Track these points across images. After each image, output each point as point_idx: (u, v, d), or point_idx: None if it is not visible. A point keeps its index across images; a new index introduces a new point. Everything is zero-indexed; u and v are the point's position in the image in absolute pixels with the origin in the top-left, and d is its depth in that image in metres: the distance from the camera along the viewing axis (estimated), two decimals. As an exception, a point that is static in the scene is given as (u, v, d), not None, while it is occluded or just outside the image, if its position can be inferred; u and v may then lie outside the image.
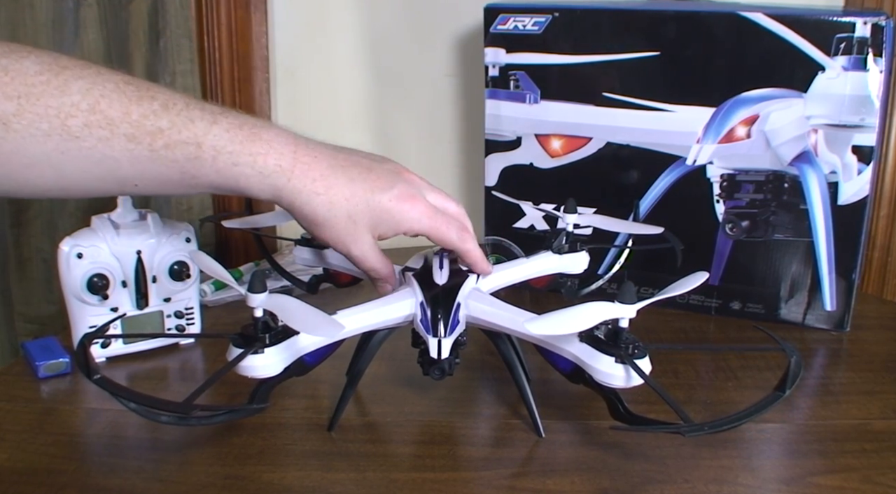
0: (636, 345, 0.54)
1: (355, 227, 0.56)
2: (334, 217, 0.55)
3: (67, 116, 0.45)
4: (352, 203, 0.55)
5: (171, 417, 0.52)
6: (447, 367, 0.58)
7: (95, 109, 0.46)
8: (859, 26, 0.72)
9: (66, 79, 0.46)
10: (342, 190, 0.55)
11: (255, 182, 0.52)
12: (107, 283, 0.71)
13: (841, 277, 0.80)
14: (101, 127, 0.46)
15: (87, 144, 0.46)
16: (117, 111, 0.47)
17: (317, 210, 0.54)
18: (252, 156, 0.51)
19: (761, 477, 0.58)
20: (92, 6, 0.99)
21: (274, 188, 0.53)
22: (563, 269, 0.71)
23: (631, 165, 0.85)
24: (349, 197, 0.55)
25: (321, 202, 0.54)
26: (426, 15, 1.07)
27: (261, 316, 0.54)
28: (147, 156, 0.48)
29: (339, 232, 0.56)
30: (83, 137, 0.46)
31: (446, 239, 0.59)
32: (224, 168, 0.51)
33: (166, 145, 0.48)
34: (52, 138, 0.45)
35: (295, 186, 0.53)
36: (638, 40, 0.81)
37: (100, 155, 0.47)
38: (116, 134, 0.47)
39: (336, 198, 0.54)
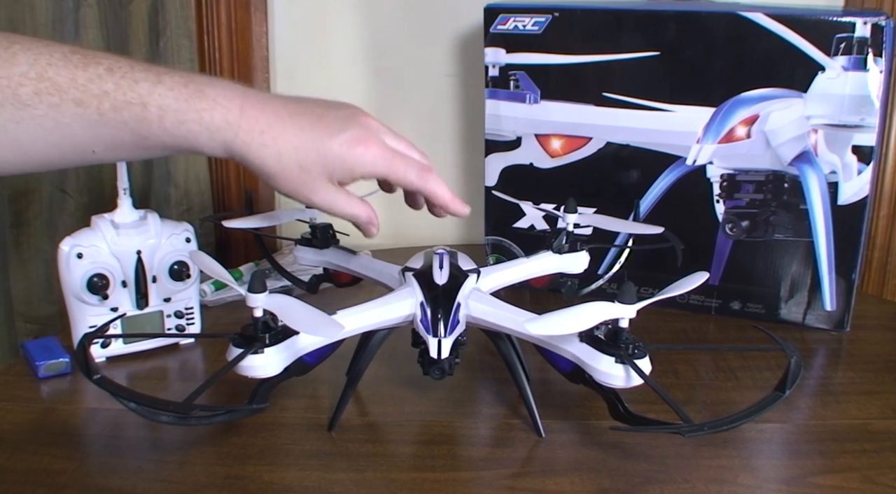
0: (636, 345, 0.54)
1: (308, 176, 0.54)
2: (285, 168, 0.54)
3: (17, 86, 0.47)
4: (301, 152, 0.54)
5: (171, 417, 0.52)
6: (447, 367, 0.58)
7: (43, 77, 0.47)
8: (859, 26, 0.72)
9: (14, 52, 0.47)
10: (290, 139, 0.53)
11: (205, 140, 0.52)
12: (107, 283, 0.71)
13: (841, 277, 0.80)
14: (50, 93, 0.47)
15: (39, 112, 0.47)
16: (64, 78, 0.48)
17: (266, 162, 0.53)
18: (198, 112, 0.51)
19: (761, 477, 0.58)
20: (92, 6, 0.99)
21: (223, 143, 0.52)
22: (563, 269, 0.71)
23: (631, 165, 0.85)
24: (297, 146, 0.54)
25: (269, 154, 0.53)
26: (426, 15, 1.07)
27: (261, 316, 0.54)
28: (97, 119, 0.49)
29: (294, 182, 0.54)
30: (34, 105, 0.47)
31: (405, 179, 0.57)
32: (171, 127, 0.50)
33: (113, 107, 0.49)
34: (5, 108, 0.47)
35: (243, 140, 0.52)
36: (638, 40, 0.81)
37: (52, 122, 0.48)
38: (65, 100, 0.48)
39: (284, 149, 0.53)
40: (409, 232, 1.12)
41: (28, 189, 1.03)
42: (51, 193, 1.04)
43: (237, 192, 1.10)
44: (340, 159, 0.54)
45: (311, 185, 0.55)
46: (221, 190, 1.10)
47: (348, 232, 0.76)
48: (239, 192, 1.10)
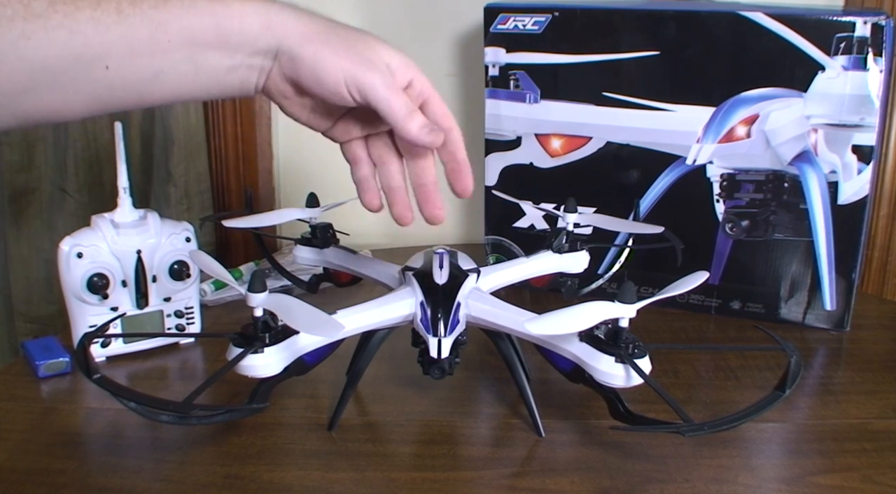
0: (636, 345, 0.54)
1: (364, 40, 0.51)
2: (335, 29, 0.51)
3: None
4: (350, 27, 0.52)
5: (171, 416, 0.52)
6: (447, 367, 0.58)
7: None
8: (859, 26, 0.72)
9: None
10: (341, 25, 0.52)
11: (237, 8, 0.48)
12: (107, 283, 0.71)
13: (841, 277, 0.80)
14: (65, 2, 0.45)
15: (53, 22, 0.45)
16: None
17: (317, 21, 0.50)
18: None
19: (761, 477, 0.58)
20: None
21: (264, 13, 0.49)
22: (563, 269, 0.71)
23: (631, 165, 0.85)
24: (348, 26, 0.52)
25: (319, 18, 0.51)
26: (426, 15, 1.07)
27: (261, 315, 0.54)
28: (113, 19, 0.46)
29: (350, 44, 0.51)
30: (47, 15, 0.45)
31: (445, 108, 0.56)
32: (194, 2, 0.47)
33: (132, 2, 0.47)
34: (16, 23, 0.44)
35: (283, 6, 0.50)
36: (638, 40, 0.81)
37: (66, 32, 0.45)
38: (81, 7, 0.46)
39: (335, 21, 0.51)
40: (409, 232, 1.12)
41: (28, 188, 1.03)
42: (51, 193, 1.04)
43: (237, 192, 1.10)
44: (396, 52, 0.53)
45: (372, 44, 0.51)
46: (221, 190, 1.10)
47: (348, 231, 0.76)
48: (239, 192, 1.10)
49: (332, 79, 0.50)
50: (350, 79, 0.50)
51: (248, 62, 0.50)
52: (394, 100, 0.51)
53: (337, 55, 0.50)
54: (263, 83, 0.52)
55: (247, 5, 0.49)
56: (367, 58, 0.51)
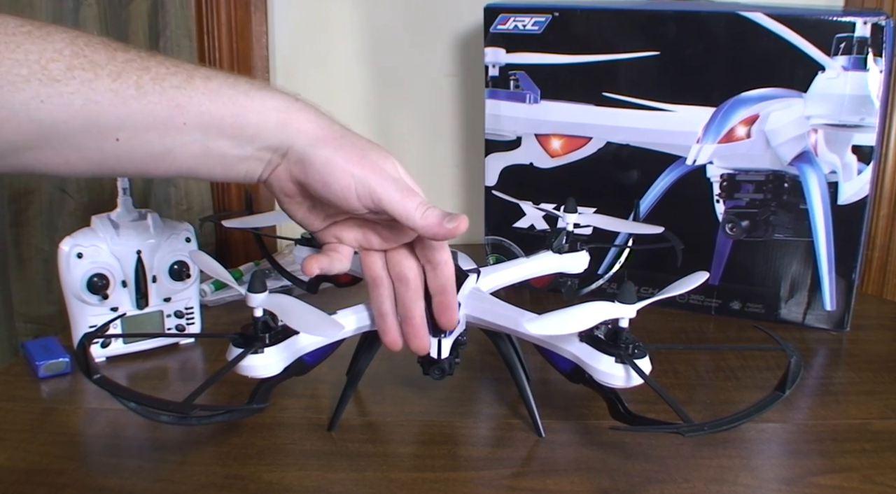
0: (636, 345, 0.54)
1: (374, 150, 0.52)
2: (352, 135, 0.52)
3: (49, 61, 0.43)
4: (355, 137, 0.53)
5: (171, 417, 0.52)
6: (447, 367, 0.58)
7: (79, 54, 0.44)
8: (859, 26, 0.72)
9: (48, 31, 0.44)
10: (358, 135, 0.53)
11: (256, 97, 0.49)
12: (107, 283, 0.71)
13: (841, 277, 0.80)
14: (84, 69, 0.44)
15: (70, 89, 0.44)
16: (102, 56, 0.45)
17: (333, 127, 0.51)
18: (248, 80, 0.49)
19: (761, 477, 0.58)
20: (92, 6, 0.99)
21: (279, 102, 0.49)
22: (563, 269, 0.71)
23: (631, 165, 0.85)
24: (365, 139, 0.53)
25: (334, 123, 0.52)
26: (426, 15, 1.07)
27: (261, 315, 0.54)
28: (132, 93, 0.45)
29: (365, 148, 0.51)
30: (65, 81, 0.44)
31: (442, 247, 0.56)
32: (216, 87, 0.47)
33: (153, 79, 0.46)
34: (32, 84, 0.43)
35: (301, 106, 0.50)
36: (638, 40, 0.81)
37: (82, 99, 0.44)
38: (100, 75, 0.45)
39: (348, 128, 0.52)
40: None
41: (28, 189, 1.03)
42: (51, 193, 1.04)
43: (237, 192, 1.10)
44: (392, 162, 0.53)
45: (378, 153, 0.52)
46: (221, 190, 1.10)
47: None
48: (239, 192, 1.10)
49: (342, 184, 0.50)
50: (361, 185, 0.50)
51: (257, 154, 0.51)
52: (407, 201, 0.51)
53: (349, 162, 0.50)
54: (268, 176, 0.52)
55: (268, 100, 0.49)
56: (380, 166, 0.51)
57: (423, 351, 0.57)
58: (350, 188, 0.50)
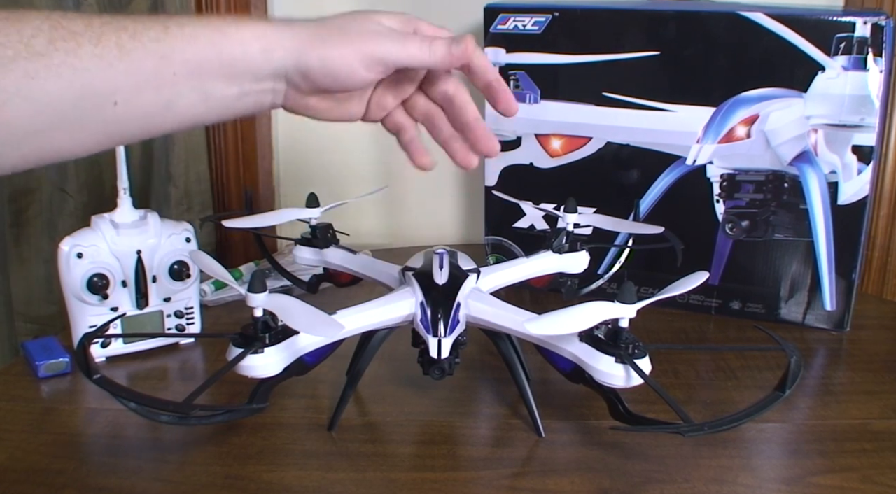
0: (636, 345, 0.54)
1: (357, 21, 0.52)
2: (329, 22, 0.51)
3: (30, 38, 0.44)
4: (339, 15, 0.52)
5: (171, 417, 0.52)
6: (447, 367, 0.58)
7: (58, 27, 0.45)
8: (859, 26, 0.72)
9: (24, 12, 0.45)
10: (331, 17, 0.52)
11: (233, 32, 0.48)
12: (107, 283, 0.71)
13: (841, 277, 0.80)
14: (65, 40, 0.45)
15: (55, 61, 0.45)
16: (80, 24, 0.46)
17: (308, 27, 0.50)
18: (223, 19, 0.49)
19: (761, 477, 0.58)
20: (92, 6, 0.99)
21: (254, 32, 0.49)
22: (563, 269, 0.71)
23: (631, 165, 0.85)
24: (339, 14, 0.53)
25: (311, 23, 0.51)
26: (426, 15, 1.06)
27: (261, 315, 0.54)
28: (115, 55, 0.46)
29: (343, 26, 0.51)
30: (48, 54, 0.45)
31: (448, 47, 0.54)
32: (194, 31, 0.48)
33: (132, 36, 0.47)
34: (18, 62, 0.44)
35: (278, 24, 0.50)
36: (638, 40, 0.81)
37: (69, 69, 0.45)
38: (82, 43, 0.45)
39: (321, 19, 0.51)
40: (409, 232, 1.12)
41: (28, 188, 1.03)
42: (51, 193, 1.04)
43: (237, 192, 1.10)
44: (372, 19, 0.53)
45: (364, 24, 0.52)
46: (221, 190, 1.10)
47: (348, 231, 0.76)
48: (239, 192, 1.10)
49: (347, 69, 0.51)
50: (362, 59, 0.51)
51: (256, 88, 0.51)
52: (409, 46, 0.52)
53: (339, 47, 0.50)
54: (281, 103, 0.53)
55: (244, 30, 0.49)
56: (368, 30, 0.51)
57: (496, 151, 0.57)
58: (355, 68, 0.51)
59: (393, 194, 1.10)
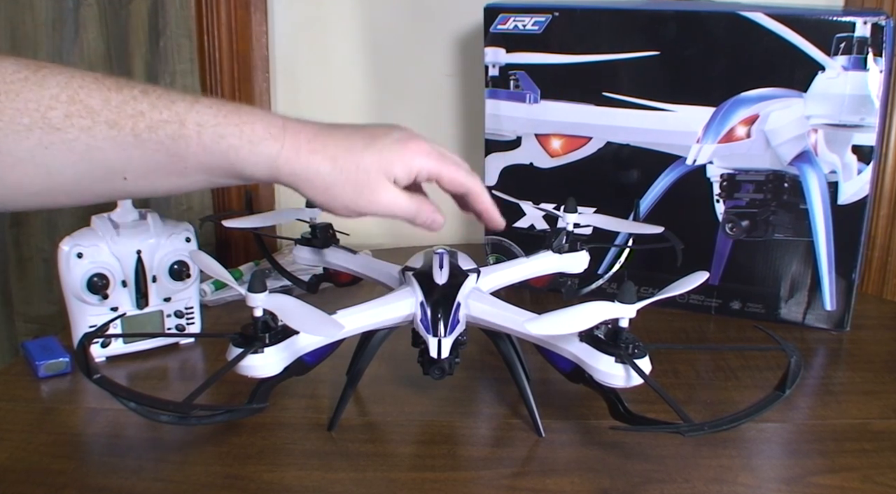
0: (636, 345, 0.54)
1: (368, 176, 0.52)
2: (342, 171, 0.52)
3: (48, 109, 0.45)
4: (355, 152, 0.52)
5: (171, 417, 0.52)
6: (447, 367, 0.58)
7: (75, 99, 0.46)
8: (859, 26, 0.72)
9: (44, 75, 0.46)
10: (340, 143, 0.52)
11: (246, 153, 0.50)
12: (107, 283, 0.71)
13: (841, 277, 0.80)
14: (82, 116, 0.46)
15: (70, 136, 0.46)
16: (97, 100, 0.46)
17: (319, 169, 0.51)
18: (238, 126, 0.50)
19: (761, 477, 0.58)
20: (92, 6, 0.99)
21: (267, 158, 0.50)
22: (563, 269, 0.71)
23: (631, 165, 0.85)
24: (349, 147, 0.52)
25: (321, 159, 0.51)
26: (426, 15, 1.07)
27: (260, 315, 0.54)
28: (131, 141, 0.47)
29: (354, 185, 0.52)
30: (65, 128, 0.46)
31: (456, 176, 0.57)
32: (210, 142, 0.49)
33: (149, 127, 0.47)
34: (34, 132, 0.45)
35: (290, 149, 0.51)
36: (638, 40, 0.81)
37: (83, 145, 0.46)
38: (98, 122, 0.46)
39: (337, 152, 0.52)
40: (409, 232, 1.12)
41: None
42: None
43: (237, 192, 1.10)
44: (398, 153, 0.54)
45: (374, 185, 0.53)
46: (221, 190, 1.10)
47: (348, 231, 0.76)
48: (239, 192, 1.10)
49: (337, 212, 0.54)
50: (358, 212, 0.54)
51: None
52: (400, 212, 0.55)
53: (341, 204, 0.53)
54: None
55: (258, 150, 0.50)
56: (371, 189, 0.53)
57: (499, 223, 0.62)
58: (349, 214, 0.55)
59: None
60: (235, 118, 0.50)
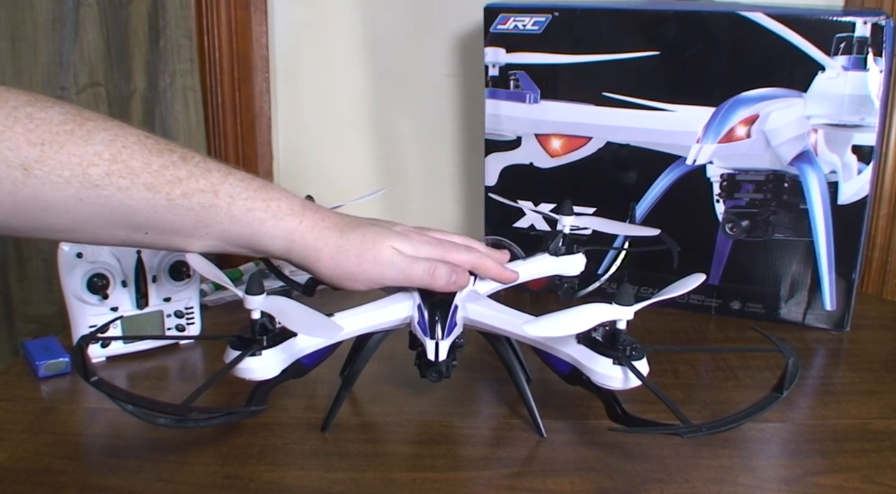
0: (634, 347, 0.54)
1: (371, 243, 0.57)
2: (347, 241, 0.56)
3: (89, 165, 0.47)
4: (361, 227, 0.58)
5: (169, 419, 0.52)
6: (444, 370, 0.58)
7: (117, 159, 0.48)
8: (859, 26, 0.72)
9: (89, 129, 0.47)
10: (350, 222, 0.58)
11: (270, 227, 0.54)
12: (107, 283, 0.71)
13: (841, 277, 0.80)
14: (122, 176, 0.48)
15: (107, 193, 0.48)
16: (139, 161, 0.48)
17: (329, 241, 0.56)
18: (266, 201, 0.54)
19: (761, 477, 0.58)
20: (92, 6, 0.99)
21: (286, 231, 0.54)
22: (559, 271, 0.71)
23: (631, 165, 0.84)
24: (357, 224, 0.58)
25: (332, 233, 0.56)
26: (426, 15, 1.07)
27: (258, 318, 0.54)
28: (164, 205, 0.50)
29: (358, 251, 0.56)
30: (103, 186, 0.47)
31: (460, 258, 0.61)
32: (239, 213, 0.52)
33: (184, 194, 0.50)
34: (72, 185, 0.46)
35: (308, 225, 0.55)
36: (638, 40, 0.81)
37: (118, 203, 0.48)
38: (136, 183, 0.48)
39: (345, 227, 0.57)
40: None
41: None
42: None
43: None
44: (402, 235, 0.58)
45: (376, 251, 0.57)
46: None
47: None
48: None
49: (344, 286, 0.59)
50: (367, 285, 0.58)
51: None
52: (413, 276, 0.58)
53: (348, 278, 0.57)
54: None
55: (279, 229, 0.54)
56: (378, 264, 0.57)
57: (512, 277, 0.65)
58: (359, 288, 0.59)
59: (392, 194, 1.10)
60: (263, 194, 0.54)
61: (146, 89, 1.02)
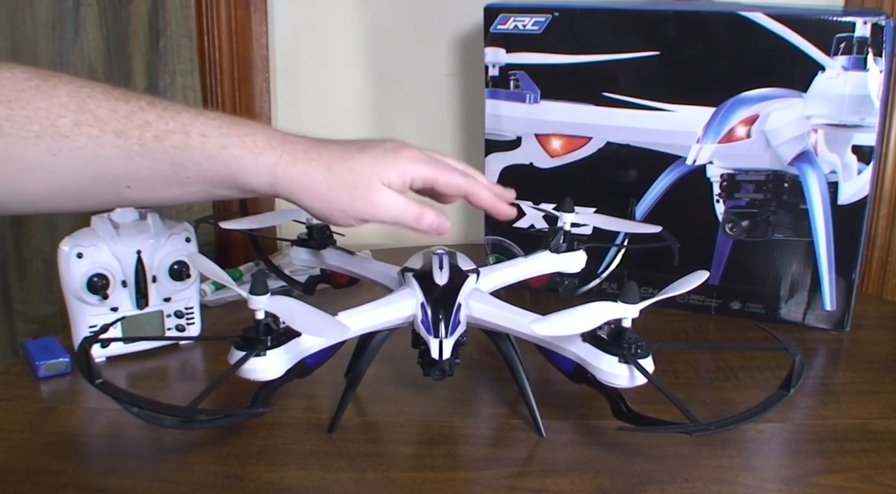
0: (639, 345, 0.54)
1: (363, 179, 0.54)
2: (336, 177, 0.53)
3: (57, 117, 0.46)
4: (348, 159, 0.54)
5: (175, 421, 0.52)
6: (448, 368, 0.58)
7: (84, 109, 0.47)
8: (859, 26, 0.72)
9: (54, 84, 0.47)
10: (335, 151, 0.54)
11: (248, 163, 0.51)
12: (107, 283, 0.71)
13: (841, 277, 0.80)
14: (90, 125, 0.47)
15: (78, 144, 0.47)
16: (105, 109, 0.48)
17: (315, 176, 0.53)
18: (240, 137, 0.51)
19: (761, 477, 0.58)
20: (92, 6, 0.99)
21: (266, 167, 0.52)
22: (560, 268, 0.71)
23: (631, 165, 0.85)
24: (343, 154, 0.54)
25: (317, 166, 0.53)
26: (426, 15, 1.07)
27: (262, 318, 0.54)
28: (137, 150, 0.49)
29: (349, 190, 0.53)
30: (73, 136, 0.47)
31: (452, 180, 0.58)
32: (214, 152, 0.50)
33: (155, 136, 0.49)
34: (43, 139, 0.46)
35: (288, 159, 0.52)
36: (638, 40, 0.81)
37: (90, 154, 0.48)
38: (105, 131, 0.48)
39: (332, 160, 0.53)
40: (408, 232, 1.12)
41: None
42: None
43: (237, 192, 1.10)
44: (391, 159, 0.55)
45: (369, 187, 0.54)
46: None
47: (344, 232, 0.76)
48: (239, 192, 1.10)
49: (340, 222, 0.55)
50: (354, 219, 0.55)
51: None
52: (398, 213, 0.55)
53: (340, 211, 0.54)
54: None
55: (259, 163, 0.52)
56: (367, 191, 0.54)
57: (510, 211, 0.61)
58: (347, 222, 0.56)
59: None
60: (237, 129, 0.52)
61: (146, 89, 1.02)
